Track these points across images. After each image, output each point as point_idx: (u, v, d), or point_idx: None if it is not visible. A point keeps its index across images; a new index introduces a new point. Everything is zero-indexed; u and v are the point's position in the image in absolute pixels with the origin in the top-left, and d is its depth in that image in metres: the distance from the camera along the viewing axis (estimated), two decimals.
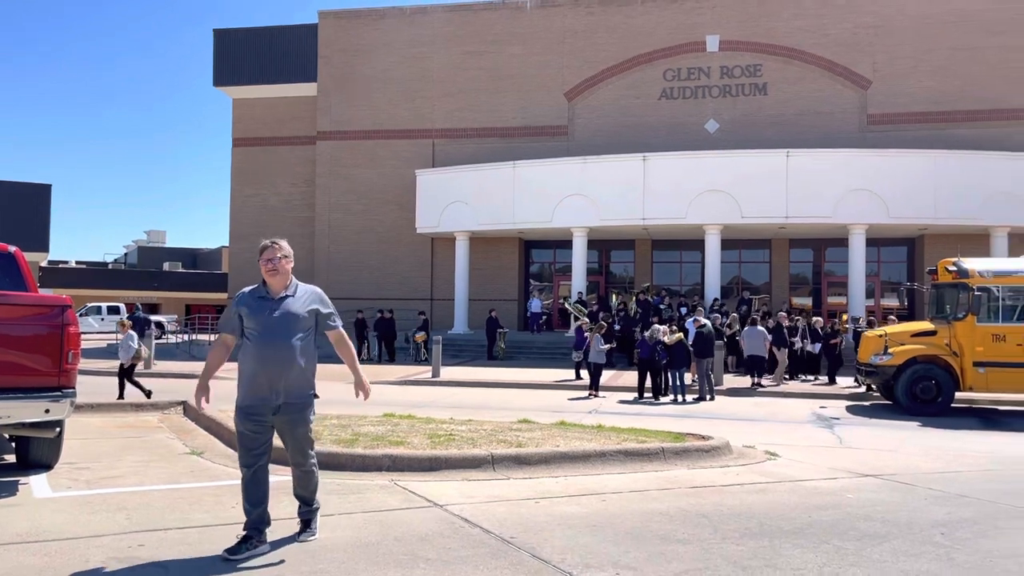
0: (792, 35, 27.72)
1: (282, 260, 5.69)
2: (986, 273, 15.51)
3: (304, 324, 5.63)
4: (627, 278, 30.66)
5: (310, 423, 5.73)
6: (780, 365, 19.58)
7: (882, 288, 28.55)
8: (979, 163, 24.85)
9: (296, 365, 5.53)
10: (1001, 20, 26.51)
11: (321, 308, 5.73)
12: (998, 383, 15.30)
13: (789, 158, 24.64)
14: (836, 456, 10.45)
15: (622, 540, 6.11)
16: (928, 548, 6.07)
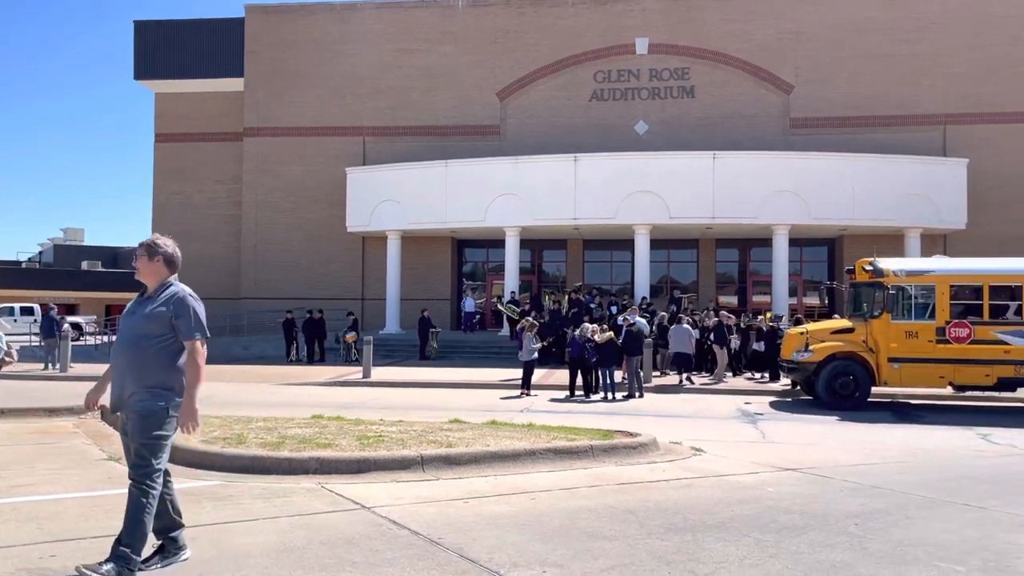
0: (719, 40, 28.36)
1: (141, 259, 5.12)
2: (900, 272, 16.15)
3: (154, 329, 5.01)
4: (559, 277, 30.90)
5: (153, 439, 4.97)
6: (720, 363, 19.96)
7: (804, 287, 29.47)
8: (893, 166, 25.88)
9: (138, 371, 4.99)
10: (909, 29, 27.66)
11: (174, 315, 5.01)
12: (911, 378, 15.95)
13: (715, 160, 25.22)
14: (759, 451, 10.74)
15: (550, 538, 6.15)
16: (843, 539, 6.29)
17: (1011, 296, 15.80)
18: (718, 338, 19.92)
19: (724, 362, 19.98)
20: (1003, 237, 25.74)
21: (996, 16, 27.37)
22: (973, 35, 27.40)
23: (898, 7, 27.78)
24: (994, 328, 15.53)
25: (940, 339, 15.64)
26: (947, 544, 6.19)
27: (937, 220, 26.00)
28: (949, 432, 12.94)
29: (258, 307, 29.68)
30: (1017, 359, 15.38)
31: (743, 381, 20.11)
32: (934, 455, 10.61)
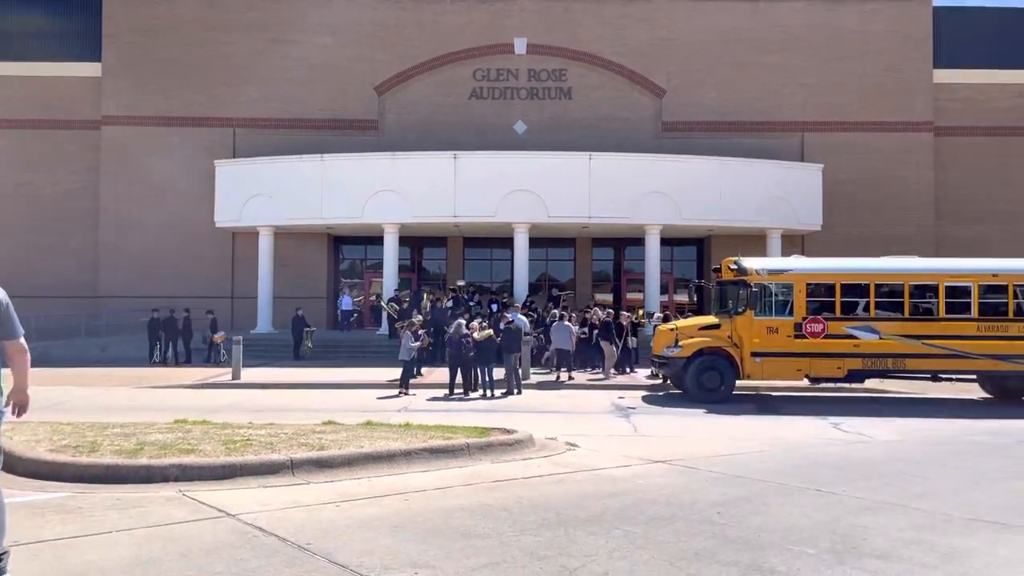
0: (595, 43, 28.99)
1: None
2: (762, 271, 16.98)
3: None
4: (440, 275, 30.76)
5: None
6: (608, 359, 20.33)
7: (675, 284, 30.57)
8: (757, 170, 27.23)
9: None
10: (772, 40, 29.19)
11: None
12: (772, 371, 16.81)
13: (592, 161, 25.76)
14: (631, 444, 11.02)
15: (423, 538, 6.08)
16: (706, 527, 6.53)
17: (860, 293, 16.90)
18: (606, 334, 20.34)
19: (613, 358, 20.37)
20: (854, 238, 27.60)
21: (849, 31, 29.25)
22: (828, 48, 29.18)
23: (762, 19, 29.24)
24: (845, 323, 16.57)
25: (798, 334, 16.55)
26: (800, 528, 6.53)
27: (796, 222, 27.54)
28: (805, 422, 13.71)
29: (119, 306, 28.02)
30: (866, 352, 16.47)
31: (620, 377, 20.63)
32: (791, 444, 11.21)
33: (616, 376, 20.04)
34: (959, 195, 29.61)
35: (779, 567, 5.52)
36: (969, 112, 29.96)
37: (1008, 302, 16.53)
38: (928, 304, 16.81)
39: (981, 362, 16.42)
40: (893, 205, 28.99)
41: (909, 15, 29.36)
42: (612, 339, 20.16)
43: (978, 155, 29.88)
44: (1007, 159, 29.99)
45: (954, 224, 29.37)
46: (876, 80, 29.18)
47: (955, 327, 16.45)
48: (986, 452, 10.78)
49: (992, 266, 17.31)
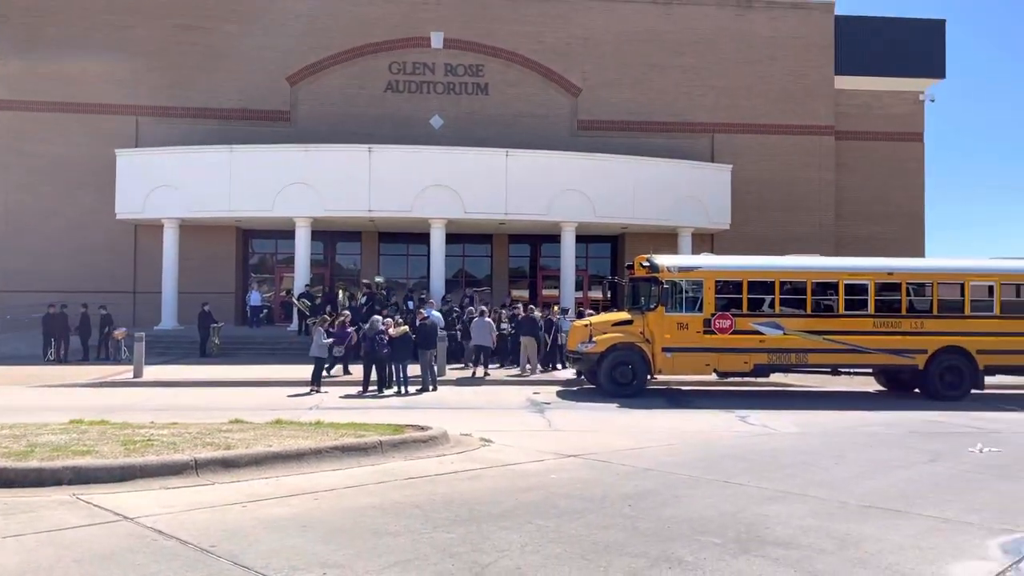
0: (512, 40, 29.02)
1: None
2: (673, 268, 17.35)
3: None
4: (354, 270, 30.27)
5: None
6: (532, 355, 20.35)
7: (590, 281, 30.95)
8: (670, 170, 27.81)
9: None
10: (684, 43, 29.86)
11: None
12: (682, 366, 17.20)
13: (508, 157, 25.80)
14: (545, 439, 11.09)
15: (333, 538, 5.95)
16: (618, 520, 6.61)
17: (766, 291, 17.47)
18: (527, 330, 20.39)
19: (533, 354, 20.42)
20: (761, 236, 28.54)
21: (758, 36, 30.18)
22: (738, 52, 30.04)
23: (675, 22, 29.86)
24: (752, 320, 17.10)
25: (707, 330, 16.99)
26: (708, 519, 6.69)
27: (706, 220, 28.27)
28: (713, 415, 14.10)
29: (12, 301, 26.51)
30: (771, 347, 17.04)
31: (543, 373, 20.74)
32: (700, 437, 11.49)
33: (541, 372, 20.15)
34: (858, 196, 30.98)
35: (687, 557, 5.63)
36: (867, 117, 31.37)
37: (902, 300, 17.38)
38: (829, 301, 17.50)
39: (877, 356, 17.21)
40: (797, 205, 30.10)
41: (813, 23, 30.51)
42: (537, 335, 20.24)
43: (875, 158, 31.33)
44: (902, 163, 31.55)
45: (853, 224, 30.71)
46: (782, 84, 30.22)
47: (853, 323, 17.19)
48: (880, 442, 11.30)
49: (887, 265, 18.16)
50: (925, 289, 17.56)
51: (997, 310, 17.43)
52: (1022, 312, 17.49)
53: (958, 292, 17.50)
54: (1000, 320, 17.34)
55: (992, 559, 5.76)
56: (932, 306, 17.41)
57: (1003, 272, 17.85)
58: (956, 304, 17.44)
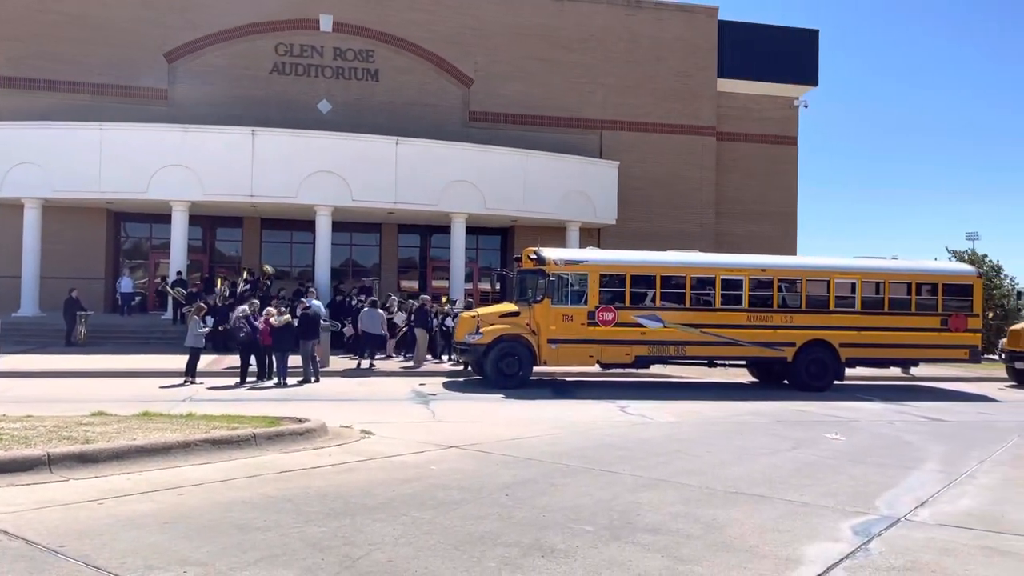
0: (404, 27, 28.62)
1: None
2: (559, 261, 17.57)
3: None
4: (235, 257, 29.19)
5: None
6: (421, 345, 20.13)
7: (480, 273, 30.99)
8: (559, 164, 28.17)
9: None
10: (574, 39, 30.28)
11: None
12: (567, 357, 17.46)
13: (398, 146, 25.46)
14: (428, 430, 11.01)
15: (197, 535, 5.69)
16: (494, 510, 6.62)
17: (648, 285, 17.94)
18: (420, 321, 20.17)
19: (425, 345, 20.23)
20: (645, 232, 29.31)
21: (646, 37, 30.93)
22: (627, 51, 30.71)
23: (567, 18, 30.21)
24: (634, 313, 17.54)
25: (591, 322, 17.31)
26: (582, 507, 6.79)
27: (594, 215, 28.80)
28: (595, 405, 14.37)
29: None
30: (651, 340, 17.53)
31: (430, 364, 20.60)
32: (580, 427, 11.69)
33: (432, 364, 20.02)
34: (736, 195, 32.29)
35: (560, 545, 5.69)
36: (746, 120, 32.72)
37: (773, 295, 18.23)
38: (707, 296, 18.15)
39: (750, 349, 18.01)
40: (680, 202, 31.10)
41: (698, 26, 31.53)
42: (427, 326, 20.07)
43: (753, 160, 32.73)
44: (777, 164, 33.10)
45: (732, 222, 31.99)
46: (668, 84, 31.10)
47: (729, 317, 17.90)
48: (749, 431, 11.81)
49: (761, 262, 19.00)
50: (795, 285, 18.48)
51: (858, 306, 18.54)
52: (881, 308, 18.67)
53: (824, 289, 18.51)
54: (861, 315, 18.45)
55: (844, 540, 6.09)
56: (801, 302, 18.34)
57: (864, 271, 19.00)
58: (822, 300, 18.44)
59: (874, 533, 6.29)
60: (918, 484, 8.28)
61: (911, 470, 9.05)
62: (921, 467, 9.27)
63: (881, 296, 18.76)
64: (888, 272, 19.08)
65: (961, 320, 18.82)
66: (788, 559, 5.57)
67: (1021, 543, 6.16)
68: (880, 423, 13.13)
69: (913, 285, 18.90)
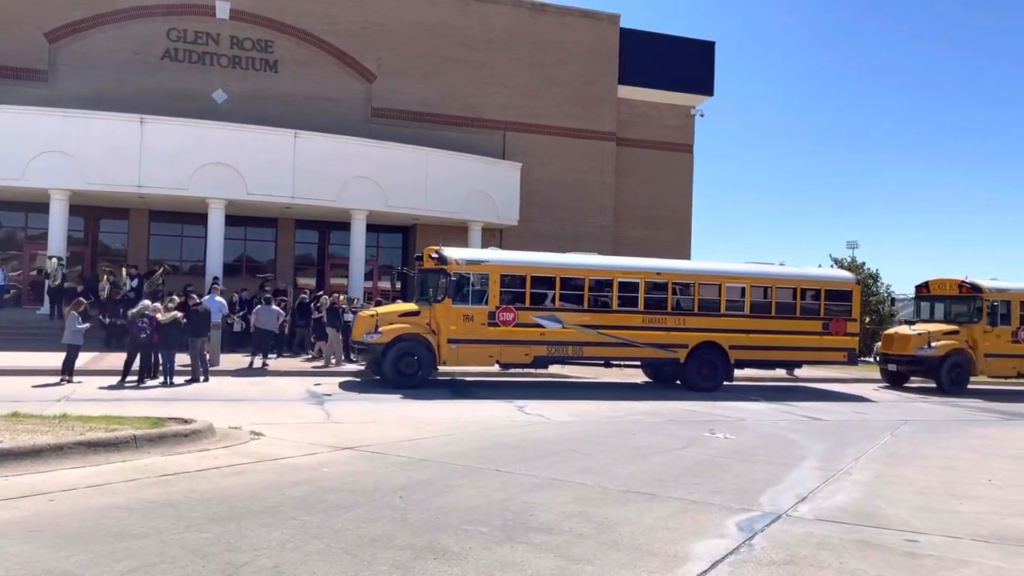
0: (305, 18, 27.92)
1: None
2: (461, 261, 17.52)
3: None
4: (121, 251, 27.77)
5: None
6: (334, 344, 19.62)
7: (380, 271, 30.56)
8: (462, 164, 28.09)
9: None
10: (478, 39, 30.29)
11: None
12: (466, 357, 17.43)
13: (297, 139, 24.81)
14: (322, 432, 10.74)
15: (66, 544, 5.34)
16: (387, 512, 6.50)
17: (548, 286, 18.12)
18: (331, 320, 19.70)
19: (338, 344, 19.75)
20: (547, 234, 29.61)
21: (549, 40, 31.23)
22: (530, 53, 30.92)
23: (471, 17, 30.16)
24: (533, 313, 17.67)
25: (491, 322, 17.33)
26: (477, 508, 6.76)
27: (496, 216, 28.87)
28: (494, 405, 14.39)
29: None
30: (550, 340, 17.71)
31: (309, 364, 20.16)
32: (478, 427, 11.66)
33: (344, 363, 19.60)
34: (635, 200, 33.01)
35: (453, 547, 5.63)
36: (645, 127, 33.50)
37: (668, 298, 18.72)
38: (605, 298, 18.47)
39: (644, 350, 18.44)
40: (581, 205, 31.54)
41: (601, 32, 32.08)
42: (338, 325, 19.62)
43: (651, 166, 33.53)
44: (674, 171, 34.03)
45: (630, 226, 32.67)
46: (571, 89, 31.50)
47: (625, 319, 18.27)
48: (643, 430, 12.07)
49: (656, 265, 19.49)
50: (688, 289, 19.03)
51: (747, 310, 19.27)
52: (768, 312, 19.45)
53: (716, 293, 19.15)
54: (749, 319, 19.18)
55: (729, 536, 6.28)
56: (694, 305, 18.91)
57: (753, 276, 19.77)
58: (714, 304, 19.06)
59: (757, 529, 6.52)
60: (799, 481, 8.64)
61: (793, 467, 9.44)
62: (802, 464, 9.68)
63: (768, 300, 19.56)
64: (775, 278, 19.92)
65: (841, 324, 19.83)
66: (676, 556, 5.69)
67: (891, 536, 6.51)
68: (765, 422, 13.67)
69: (798, 290, 19.79)
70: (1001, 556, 6.06)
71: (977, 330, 21.34)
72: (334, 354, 19.73)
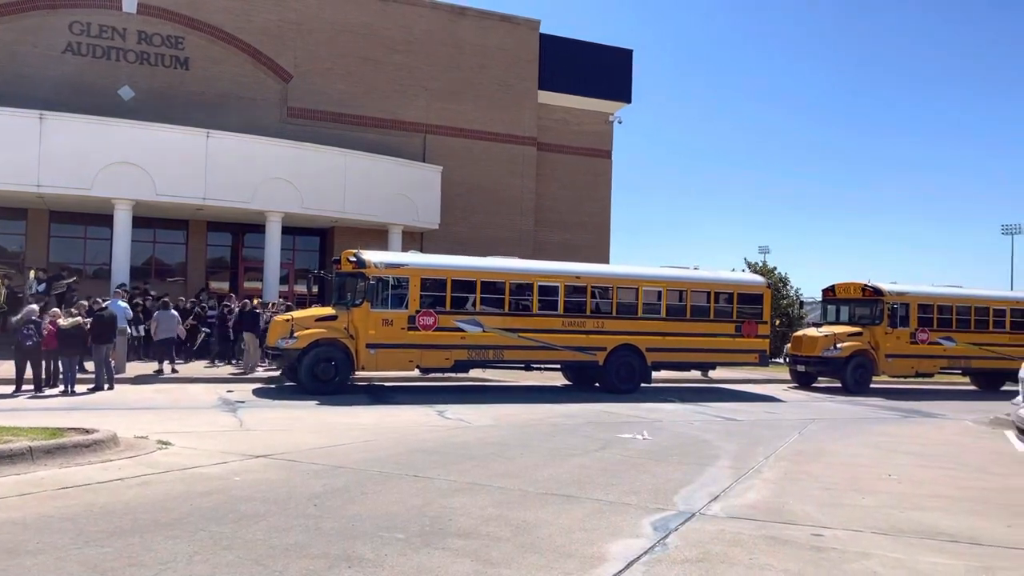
0: (218, 15, 27.13)
1: None
2: (380, 264, 17.31)
3: None
4: (19, 253, 26.37)
5: None
6: (252, 351, 19.02)
7: (296, 275, 29.91)
8: (381, 166, 27.75)
9: None
10: (398, 41, 30.00)
11: None
12: (386, 362, 17.21)
13: (210, 139, 24.06)
14: (234, 440, 10.43)
15: None
16: (300, 521, 6.34)
17: (469, 290, 18.07)
18: (249, 325, 19.13)
19: (257, 350, 19.17)
20: (468, 238, 29.55)
21: (470, 44, 31.22)
22: (449, 57, 30.84)
23: (390, 18, 29.87)
24: (454, 317, 17.61)
25: (411, 327, 17.18)
26: (394, 514, 6.66)
27: (416, 220, 28.65)
28: (413, 410, 14.25)
29: None
30: (471, 344, 17.67)
31: (231, 368, 19.60)
32: (397, 432, 11.52)
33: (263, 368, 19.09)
34: (555, 205, 33.31)
35: (368, 555, 5.53)
36: (565, 132, 33.85)
37: (587, 301, 18.94)
38: (525, 301, 18.55)
39: (564, 353, 18.59)
40: (502, 209, 31.62)
41: (520, 37, 32.25)
42: (257, 330, 19.06)
43: (570, 171, 33.89)
44: (593, 177, 34.49)
45: (550, 230, 32.94)
46: (491, 93, 31.56)
47: (545, 322, 18.39)
48: (562, 432, 12.16)
49: (575, 269, 19.69)
50: (607, 293, 19.30)
51: (664, 313, 19.66)
52: (684, 315, 19.89)
53: (633, 296, 19.48)
54: (666, 322, 19.58)
55: (644, 536, 6.36)
56: (612, 308, 19.18)
57: (669, 279, 20.18)
58: (631, 307, 19.39)
59: (671, 528, 6.63)
60: (712, 479, 8.84)
61: (706, 467, 9.66)
62: (715, 464, 9.91)
63: (684, 304, 20.00)
64: (690, 281, 20.39)
65: (752, 327, 20.44)
66: (593, 557, 5.73)
67: (798, 531, 6.71)
68: (681, 423, 13.96)
69: (712, 294, 20.31)
70: (899, 547, 6.33)
71: (879, 332, 22.31)
72: (251, 360, 19.22)
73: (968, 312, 23.32)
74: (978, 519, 7.39)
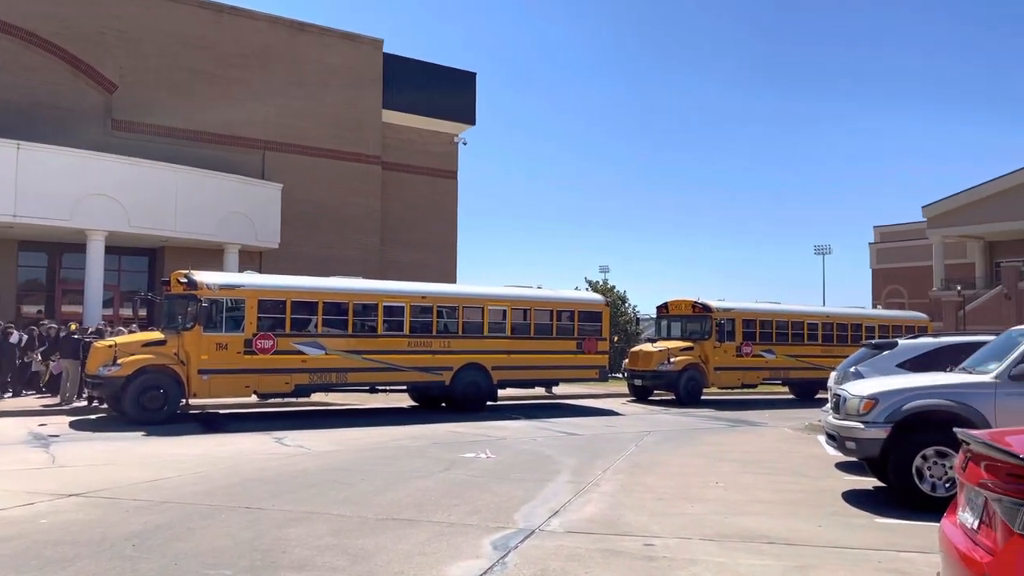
0: (32, 19, 25.08)
1: None
2: (214, 286, 16.47)
3: None
4: None
5: None
6: (71, 379, 17.35)
7: (123, 297, 27.96)
8: (217, 183, 26.54)
9: None
10: (235, 55, 28.90)
11: None
12: (220, 388, 16.36)
13: (20, 151, 22.13)
14: (43, 478, 9.55)
15: None
16: (116, 563, 5.86)
17: (310, 311, 17.55)
18: (70, 351, 17.49)
19: (77, 379, 17.54)
20: (310, 257, 28.73)
21: (310, 60, 30.54)
22: (290, 73, 30.03)
23: (225, 31, 28.74)
24: (294, 339, 17.03)
25: (248, 351, 16.45)
26: (222, 549, 6.29)
27: (255, 238, 27.58)
28: (250, 438, 13.62)
29: None
30: (312, 367, 17.14)
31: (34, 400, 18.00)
32: (230, 462, 10.95)
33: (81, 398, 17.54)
34: (401, 224, 33.10)
35: None
36: (411, 152, 33.78)
37: (433, 321, 18.87)
38: (370, 322, 18.23)
39: (410, 374, 18.42)
40: (347, 228, 31.04)
41: (363, 56, 31.94)
42: (78, 356, 17.50)
43: (417, 191, 33.84)
44: (440, 197, 34.59)
45: (397, 249, 32.66)
46: (334, 111, 31.00)
47: (390, 343, 18.16)
48: (406, 455, 11.99)
49: (421, 289, 19.60)
50: (453, 312, 19.32)
51: (508, 331, 19.92)
52: (528, 333, 20.24)
53: (479, 315, 19.61)
54: (511, 340, 19.84)
55: (484, 556, 6.35)
56: (458, 327, 19.22)
57: (513, 299, 20.48)
58: (477, 326, 19.50)
59: (511, 546, 6.65)
60: (552, 495, 8.98)
61: (547, 482, 9.81)
62: (556, 479, 10.09)
63: (528, 322, 20.36)
64: (533, 300, 20.80)
65: (592, 343, 21.11)
66: None
67: (631, 542, 6.92)
68: (525, 440, 14.14)
69: (554, 312, 20.81)
70: (724, 552, 6.66)
71: (708, 346, 23.63)
72: (70, 390, 17.74)
73: (786, 327, 25.14)
74: (794, 520, 7.92)
